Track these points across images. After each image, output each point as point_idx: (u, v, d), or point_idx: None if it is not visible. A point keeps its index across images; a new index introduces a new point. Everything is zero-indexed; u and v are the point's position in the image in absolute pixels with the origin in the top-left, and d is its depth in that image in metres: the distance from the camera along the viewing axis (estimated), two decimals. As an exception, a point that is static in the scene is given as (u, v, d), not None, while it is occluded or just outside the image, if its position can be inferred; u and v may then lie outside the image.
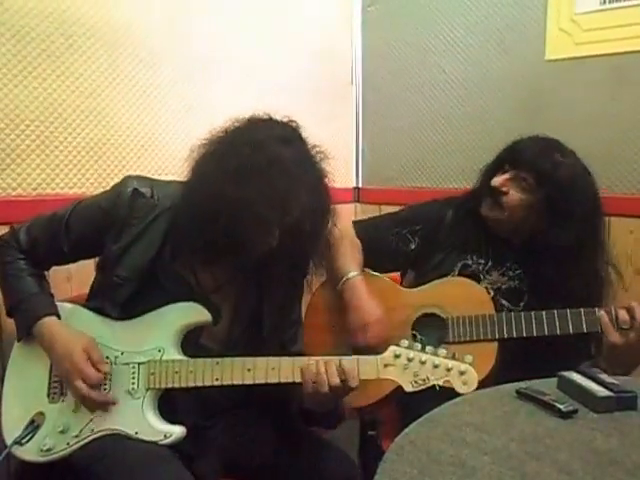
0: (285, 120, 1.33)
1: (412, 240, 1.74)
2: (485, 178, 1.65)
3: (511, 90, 2.38)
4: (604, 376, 1.17)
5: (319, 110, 2.66)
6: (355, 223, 1.82)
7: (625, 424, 1.04)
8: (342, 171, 2.89)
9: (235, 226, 1.21)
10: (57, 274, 1.64)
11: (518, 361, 1.50)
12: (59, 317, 1.37)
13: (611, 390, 1.12)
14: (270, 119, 1.32)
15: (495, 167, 1.63)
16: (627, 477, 0.86)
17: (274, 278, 1.40)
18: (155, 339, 1.34)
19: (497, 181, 1.58)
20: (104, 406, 1.29)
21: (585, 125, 2.19)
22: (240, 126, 1.31)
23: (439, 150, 2.65)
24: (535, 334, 1.50)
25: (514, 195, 1.56)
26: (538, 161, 1.55)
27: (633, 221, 2.11)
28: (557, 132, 2.22)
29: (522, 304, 1.62)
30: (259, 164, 1.21)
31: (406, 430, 1.03)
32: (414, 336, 1.63)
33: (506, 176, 1.57)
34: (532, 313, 1.51)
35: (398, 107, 2.77)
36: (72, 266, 1.50)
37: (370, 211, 2.84)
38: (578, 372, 1.21)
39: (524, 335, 1.51)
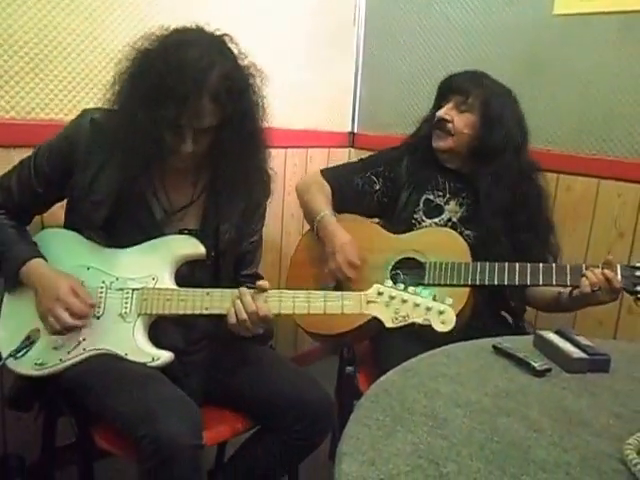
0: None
1: (376, 181, 1.87)
2: (430, 116, 1.83)
3: (514, 42, 2.34)
4: (580, 338, 1.21)
5: (318, 51, 2.62)
6: (322, 171, 1.93)
7: (596, 386, 1.08)
8: (338, 115, 2.86)
9: (158, 101, 1.24)
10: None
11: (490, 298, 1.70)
12: (45, 260, 1.38)
13: (585, 352, 1.16)
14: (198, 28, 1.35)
15: (437, 104, 1.82)
16: (593, 438, 0.89)
17: (230, 195, 1.44)
18: (150, 267, 1.38)
19: (441, 112, 1.77)
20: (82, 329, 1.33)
21: (585, 84, 2.17)
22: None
23: (436, 99, 2.62)
24: (506, 283, 1.59)
25: (458, 119, 1.75)
26: (471, 84, 1.76)
27: (622, 185, 2.12)
28: (556, 88, 2.22)
29: (480, 226, 1.75)
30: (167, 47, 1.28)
31: (382, 378, 1.06)
32: (397, 275, 1.71)
33: (448, 105, 1.77)
34: (506, 264, 1.60)
35: (398, 52, 2.72)
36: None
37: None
38: (555, 332, 1.25)
39: (495, 283, 1.60)
